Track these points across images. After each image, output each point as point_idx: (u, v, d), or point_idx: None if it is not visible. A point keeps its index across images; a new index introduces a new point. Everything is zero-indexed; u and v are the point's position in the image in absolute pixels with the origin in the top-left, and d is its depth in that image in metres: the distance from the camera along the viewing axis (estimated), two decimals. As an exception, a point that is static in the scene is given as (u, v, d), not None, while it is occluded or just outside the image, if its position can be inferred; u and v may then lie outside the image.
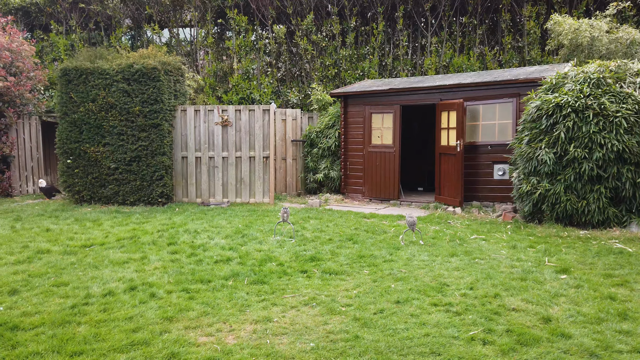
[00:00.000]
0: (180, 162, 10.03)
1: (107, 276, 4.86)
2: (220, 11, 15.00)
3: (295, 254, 5.64)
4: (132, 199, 9.59)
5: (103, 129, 9.54)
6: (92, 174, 9.65)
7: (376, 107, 10.02)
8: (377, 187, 10.06)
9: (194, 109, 9.90)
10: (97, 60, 9.72)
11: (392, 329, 3.51)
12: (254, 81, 14.51)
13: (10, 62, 11.33)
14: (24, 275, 4.95)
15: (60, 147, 9.76)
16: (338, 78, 14.41)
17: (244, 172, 9.87)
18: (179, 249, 5.90)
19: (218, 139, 9.87)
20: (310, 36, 14.21)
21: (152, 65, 9.30)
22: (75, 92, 9.58)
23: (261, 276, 4.78)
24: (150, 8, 14.78)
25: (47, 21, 15.39)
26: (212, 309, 3.96)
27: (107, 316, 3.85)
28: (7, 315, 3.89)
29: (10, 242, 6.37)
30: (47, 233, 7.02)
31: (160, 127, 9.45)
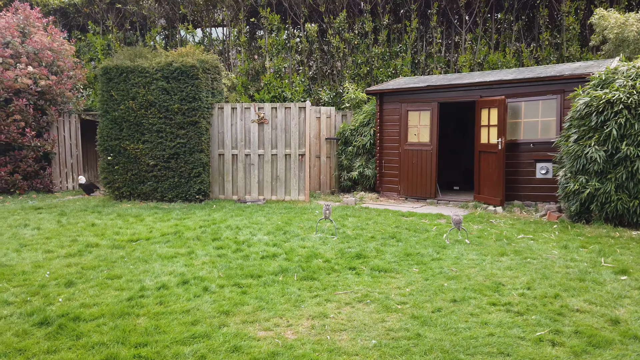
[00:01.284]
0: (217, 160, 10.12)
1: (157, 270, 4.91)
2: (253, 10, 15.08)
3: (340, 251, 5.60)
4: (170, 195, 9.72)
5: (142, 126, 9.69)
6: (132, 170, 9.82)
7: (413, 104, 9.90)
8: (413, 185, 9.94)
9: (231, 106, 9.97)
10: (137, 59, 9.89)
11: (454, 328, 3.43)
12: (286, 79, 14.55)
13: (51, 62, 11.63)
14: (77, 268, 5.05)
15: (101, 144, 9.97)
16: (370, 76, 14.31)
17: (280, 169, 9.89)
18: (224, 245, 5.93)
19: (254, 137, 9.92)
20: (343, 34, 14.16)
21: (191, 63, 9.40)
22: (115, 90, 9.76)
23: (310, 272, 4.75)
24: (184, 8, 14.97)
25: (85, 21, 15.75)
26: (266, 304, 3.95)
27: (164, 309, 3.89)
28: (66, 307, 3.97)
29: (59, 236, 6.53)
30: (93, 228, 7.16)
31: (198, 125, 9.54)
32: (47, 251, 5.75)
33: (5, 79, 10.39)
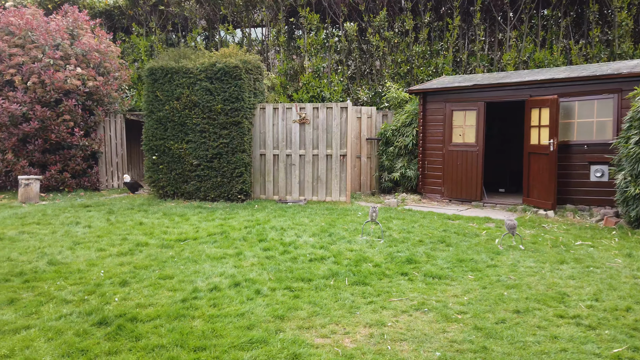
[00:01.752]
0: (258, 160, 10.16)
1: (208, 271, 4.92)
2: (292, 10, 15.08)
3: (389, 255, 5.48)
4: (212, 195, 9.81)
5: (186, 126, 9.82)
6: (176, 170, 9.97)
7: (458, 104, 9.64)
8: (457, 187, 9.68)
9: (273, 106, 9.98)
10: (182, 60, 10.02)
11: (521, 341, 3.26)
12: (324, 79, 14.48)
13: (99, 63, 11.95)
14: (129, 267, 5.12)
15: (146, 143, 10.16)
16: (410, 75, 14.06)
17: (321, 170, 9.83)
18: (271, 246, 5.90)
19: (295, 137, 9.89)
20: (383, 33, 13.97)
21: (234, 64, 9.45)
22: (160, 90, 9.93)
23: (361, 277, 4.65)
24: (225, 9, 15.12)
25: (129, 24, 16.14)
26: (320, 309, 3.87)
27: (217, 311, 3.87)
28: (123, 307, 4.01)
29: (109, 234, 6.67)
30: (141, 226, 7.29)
31: (241, 125, 9.59)
32: (99, 249, 5.87)
33: (55, 80, 10.74)
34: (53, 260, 5.34)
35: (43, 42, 10.98)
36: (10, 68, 10.70)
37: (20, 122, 10.75)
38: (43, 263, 5.25)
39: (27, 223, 7.61)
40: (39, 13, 11.74)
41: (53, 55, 10.92)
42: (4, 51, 10.77)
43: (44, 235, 6.66)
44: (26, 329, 3.55)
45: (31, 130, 10.70)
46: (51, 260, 5.32)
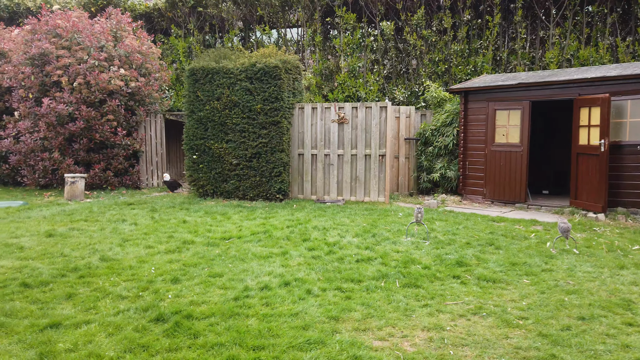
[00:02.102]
0: (296, 159, 10.17)
1: (256, 270, 4.93)
2: (328, 10, 15.05)
3: (437, 257, 5.36)
4: (251, 194, 9.88)
5: (226, 126, 9.92)
6: (216, 169, 10.08)
7: (501, 103, 9.39)
8: (500, 188, 9.43)
9: (311, 106, 9.97)
10: (222, 60, 10.13)
11: (592, 349, 3.12)
12: (360, 79, 14.40)
13: (140, 64, 12.22)
14: (179, 265, 5.18)
15: (186, 143, 10.32)
16: (448, 74, 13.82)
17: (359, 170, 9.75)
18: (315, 246, 5.87)
19: (334, 137, 9.85)
20: (420, 31, 13.78)
21: (274, 64, 9.49)
22: (201, 91, 10.07)
23: (412, 279, 4.56)
24: (261, 10, 15.23)
25: (168, 25, 16.46)
26: (374, 311, 3.81)
27: (271, 310, 3.86)
28: (177, 304, 4.05)
29: (155, 232, 6.78)
30: (185, 224, 7.39)
31: (280, 125, 9.62)
32: (147, 247, 5.97)
33: (100, 81, 11.04)
34: (105, 256, 5.47)
35: (88, 44, 11.31)
36: (58, 69, 11.05)
37: (66, 121, 11.10)
38: (95, 259, 5.38)
39: (75, 220, 7.84)
40: (84, 16, 12.10)
41: (98, 57, 11.23)
42: (51, 53, 11.14)
43: (92, 232, 6.83)
44: (86, 324, 3.63)
45: (77, 130, 11.03)
46: (103, 257, 5.45)
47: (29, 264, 5.19)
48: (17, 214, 8.39)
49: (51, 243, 6.18)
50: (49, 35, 11.47)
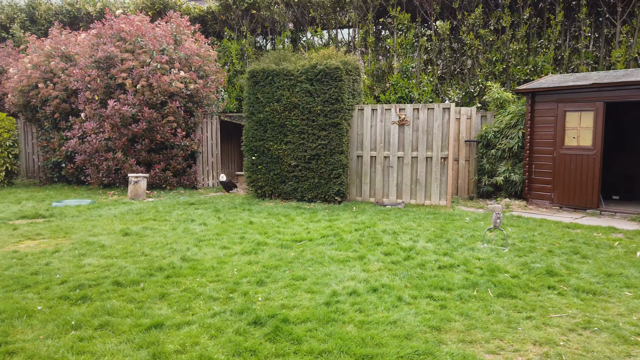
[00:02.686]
0: (355, 161, 10.09)
1: (338, 274, 4.88)
2: (381, 10, 14.91)
3: (523, 265, 5.16)
4: (309, 195, 9.88)
5: (286, 127, 9.96)
6: (274, 170, 10.14)
7: (572, 104, 9.00)
8: (569, 193, 9.04)
9: (371, 107, 9.87)
10: (282, 62, 10.18)
11: None
12: (413, 79, 14.18)
13: (199, 66, 12.46)
14: (258, 267, 5.20)
15: (246, 144, 10.43)
16: (506, 74, 13.41)
17: (420, 172, 9.58)
18: (390, 251, 5.77)
19: (394, 139, 9.71)
20: (477, 31, 13.43)
21: (335, 65, 9.45)
22: (261, 92, 10.15)
23: (504, 289, 4.39)
24: (313, 11, 15.25)
25: (221, 28, 16.73)
26: (476, 322, 3.68)
27: (365, 317, 3.80)
28: (269, 307, 4.05)
29: (226, 233, 6.86)
30: (252, 225, 7.44)
31: (340, 127, 9.57)
32: (223, 247, 6.04)
33: (162, 83, 11.32)
34: (185, 256, 5.56)
35: (151, 47, 11.62)
36: (122, 72, 11.41)
37: (129, 122, 11.45)
38: (176, 259, 5.48)
39: (144, 219, 8.04)
40: (146, 20, 12.44)
41: (160, 60, 11.52)
42: (116, 56, 11.52)
43: (165, 232, 6.98)
44: (187, 325, 3.67)
45: (139, 131, 11.35)
46: (183, 257, 5.54)
47: (114, 263, 5.34)
48: (88, 212, 8.70)
49: (129, 242, 6.35)
50: (113, 39, 11.86)
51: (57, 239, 6.63)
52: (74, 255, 5.66)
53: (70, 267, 5.18)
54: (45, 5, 17.73)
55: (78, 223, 7.66)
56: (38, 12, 17.59)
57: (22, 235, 6.74)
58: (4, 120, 12.41)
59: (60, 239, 6.60)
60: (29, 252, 5.83)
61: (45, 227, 7.30)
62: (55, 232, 6.94)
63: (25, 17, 17.63)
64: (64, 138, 12.72)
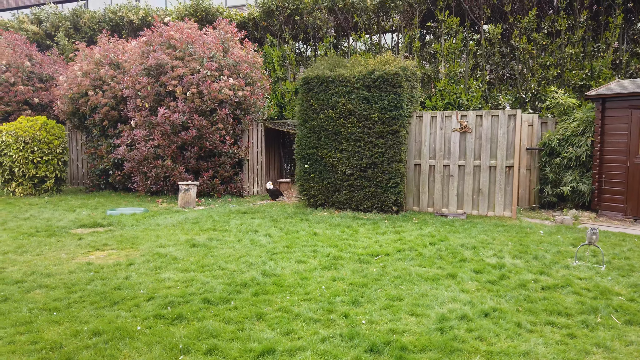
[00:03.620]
0: (412, 170, 9.78)
1: (434, 294, 4.58)
2: (428, 14, 14.59)
3: (634, 287, 4.76)
4: (365, 205, 9.59)
5: (341, 135, 9.71)
6: (328, 179, 9.90)
7: (649, 111, 8.51)
8: (645, 205, 8.53)
9: (430, 114, 9.55)
10: (337, 68, 9.96)
11: None
12: (461, 85, 13.80)
13: (246, 73, 12.34)
14: (345, 284, 4.94)
15: (298, 152, 10.22)
16: (560, 79, 12.92)
17: (483, 182, 9.20)
18: (479, 268, 5.44)
19: (455, 147, 9.36)
20: (531, 34, 12.99)
21: (394, 71, 9.17)
22: (315, 99, 9.93)
23: (629, 315, 4.03)
24: (357, 16, 15.03)
25: (262, 34, 16.65)
26: (619, 355, 3.33)
27: (490, 347, 3.49)
28: (378, 332, 3.77)
29: (295, 245, 6.62)
30: (317, 237, 7.20)
31: (398, 134, 9.27)
32: (298, 261, 5.80)
33: (212, 90, 11.22)
34: (265, 271, 5.33)
35: (202, 55, 11.55)
36: (173, 79, 11.36)
37: (179, 130, 11.38)
38: (257, 274, 5.25)
39: (204, 229, 7.88)
40: (194, 27, 12.40)
41: (210, 67, 11.44)
42: (167, 63, 11.48)
43: (232, 243, 6.79)
44: (300, 351, 3.43)
45: (189, 138, 11.27)
46: (263, 272, 5.32)
47: (194, 277, 5.15)
48: (145, 221, 8.59)
49: (200, 254, 6.16)
50: (163, 46, 11.84)
51: (124, 249, 6.50)
52: (149, 269, 5.50)
53: (150, 282, 5.00)
54: (89, 14, 17.97)
55: (140, 233, 7.54)
56: (82, 20, 17.84)
57: (89, 246, 6.64)
58: (54, 128, 12.51)
59: (128, 250, 6.47)
60: (102, 264, 5.70)
61: (110, 237, 7.20)
62: (122, 243, 6.82)
63: (69, 26, 17.90)
64: (111, 145, 12.75)
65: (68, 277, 5.12)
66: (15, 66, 14.50)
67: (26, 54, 14.97)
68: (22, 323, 3.85)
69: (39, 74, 15.11)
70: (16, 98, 14.19)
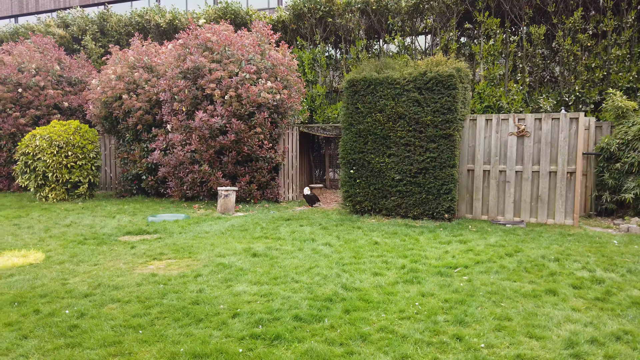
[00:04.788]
0: (465, 176, 9.37)
1: (544, 312, 4.18)
2: (465, 15, 14.21)
3: None
4: (415, 212, 9.20)
5: (389, 139, 9.34)
6: (375, 185, 9.52)
7: None
8: None
9: (485, 118, 9.16)
10: (384, 70, 9.61)
11: None
12: (501, 87, 13.39)
13: (283, 76, 12.02)
14: (437, 300, 4.55)
15: (343, 157, 9.86)
16: (606, 81, 12.48)
17: (542, 188, 8.77)
18: (575, 283, 5.03)
19: (511, 151, 8.95)
20: (576, 35, 12.57)
21: (448, 72, 8.80)
22: (361, 102, 9.58)
23: None
24: (392, 18, 14.70)
25: (291, 37, 16.35)
26: None
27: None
28: (504, 358, 3.38)
29: (362, 257, 6.24)
30: (379, 246, 6.82)
31: (452, 138, 8.88)
32: (374, 273, 5.43)
33: (251, 94, 10.91)
34: (344, 285, 4.96)
35: (240, 57, 11.26)
36: (211, 83, 11.07)
37: (217, 134, 11.07)
38: (337, 288, 4.89)
39: (255, 237, 7.54)
40: (230, 29, 12.13)
41: (249, 70, 11.14)
42: (204, 66, 11.19)
43: (293, 252, 6.43)
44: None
45: (227, 143, 10.96)
46: (343, 285, 4.95)
47: (270, 291, 4.79)
48: (191, 228, 8.27)
49: (265, 264, 5.81)
50: (199, 48, 11.57)
51: (183, 259, 6.17)
52: (219, 280, 5.15)
53: (226, 296, 4.65)
54: (116, 17, 17.81)
55: (192, 241, 7.21)
56: (109, 24, 17.68)
57: (145, 255, 6.31)
58: (87, 132, 12.28)
59: (187, 259, 6.13)
60: (167, 275, 5.37)
61: (162, 246, 6.87)
62: (178, 252, 6.49)
63: (96, 29, 17.74)
64: (144, 150, 12.48)
65: (137, 290, 4.79)
66: (45, 70, 14.32)
67: (56, 58, 14.80)
68: (111, 343, 3.51)
69: (68, 78, 14.93)
70: (46, 102, 14.01)
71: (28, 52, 14.43)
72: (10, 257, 6.05)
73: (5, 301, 4.36)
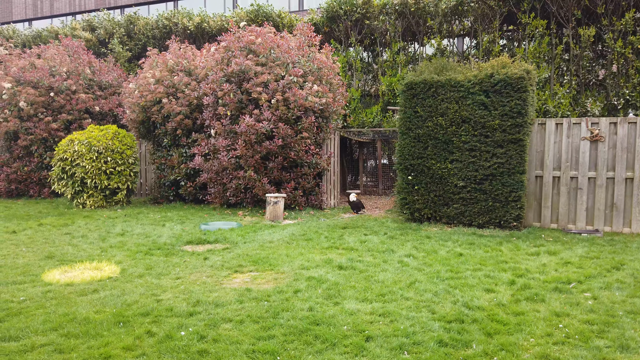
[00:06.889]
0: (533, 182, 8.96)
1: None
2: (508, 17, 13.86)
3: None
4: (480, 220, 8.78)
5: (452, 144, 8.94)
6: (435, 191, 9.11)
7: None
8: None
9: (555, 122, 8.76)
10: (444, 73, 9.22)
11: None
12: (547, 90, 12.99)
13: (328, 79, 11.65)
14: (578, 322, 4.12)
15: (400, 162, 9.46)
16: (658, 85, 12.08)
17: (618, 195, 8.35)
18: None
19: (584, 157, 8.55)
20: (627, 37, 12.19)
21: (518, 74, 8.41)
22: (421, 106, 9.19)
23: None
24: (431, 19, 14.35)
25: (324, 40, 15.98)
26: None
27: None
28: None
29: (457, 272, 5.81)
30: (465, 258, 6.40)
31: (522, 143, 8.47)
32: (486, 290, 5.00)
33: (299, 98, 10.53)
34: (466, 303, 4.54)
35: (288, 60, 10.89)
36: (257, 86, 10.69)
37: (263, 139, 10.69)
38: (459, 307, 4.47)
39: (325, 247, 7.13)
40: (272, 31, 11.77)
41: (295, 73, 10.76)
42: (250, 70, 10.82)
43: (378, 265, 6.01)
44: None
45: (274, 148, 10.57)
46: (465, 304, 4.53)
47: (385, 310, 4.37)
48: (249, 237, 7.87)
49: (359, 279, 5.39)
50: (243, 51, 11.21)
51: (265, 271, 5.75)
52: (322, 297, 4.74)
53: (342, 315, 4.23)
54: (143, 20, 17.49)
55: (261, 251, 6.79)
56: (136, 27, 17.36)
57: (224, 268, 5.90)
58: (126, 137, 11.90)
59: (269, 272, 5.72)
60: (263, 290, 4.95)
61: (234, 257, 6.46)
62: (256, 264, 6.07)
63: (123, 32, 17.42)
64: (183, 155, 12.09)
65: (242, 308, 4.37)
66: (76, 74, 13.97)
67: (87, 62, 14.46)
68: (256, 374, 3.10)
69: (99, 82, 14.59)
70: (78, 106, 13.64)
71: (58, 55, 14.09)
72: (82, 270, 5.64)
73: (109, 322, 3.94)
